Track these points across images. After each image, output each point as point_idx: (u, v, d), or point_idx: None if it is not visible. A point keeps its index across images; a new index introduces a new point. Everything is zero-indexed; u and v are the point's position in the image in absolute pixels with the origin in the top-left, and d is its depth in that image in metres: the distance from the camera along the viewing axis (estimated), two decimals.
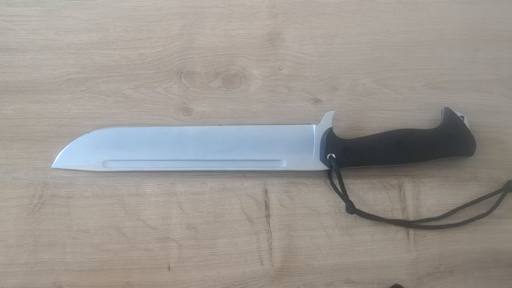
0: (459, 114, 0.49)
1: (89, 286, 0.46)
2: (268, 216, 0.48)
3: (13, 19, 0.50)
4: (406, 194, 0.49)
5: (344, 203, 0.47)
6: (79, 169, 0.47)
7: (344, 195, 0.47)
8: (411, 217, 0.49)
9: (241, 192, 0.48)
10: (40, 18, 0.51)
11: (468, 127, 0.49)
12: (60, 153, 0.47)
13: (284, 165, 0.47)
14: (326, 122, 0.47)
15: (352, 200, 0.47)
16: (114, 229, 0.47)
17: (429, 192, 0.49)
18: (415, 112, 0.51)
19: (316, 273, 0.47)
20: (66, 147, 0.47)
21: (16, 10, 0.51)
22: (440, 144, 0.48)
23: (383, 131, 0.49)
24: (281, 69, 0.52)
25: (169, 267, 0.46)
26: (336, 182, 0.47)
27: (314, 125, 0.48)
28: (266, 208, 0.48)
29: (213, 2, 0.53)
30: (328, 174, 0.48)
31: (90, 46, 0.51)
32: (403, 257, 0.48)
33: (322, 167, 0.47)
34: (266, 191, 0.48)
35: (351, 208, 0.47)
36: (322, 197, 0.49)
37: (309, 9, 0.54)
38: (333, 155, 0.46)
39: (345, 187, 0.47)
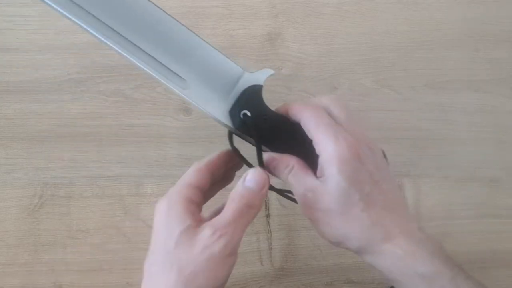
0: None
1: (89, 286, 0.46)
2: (268, 216, 0.48)
3: (13, 19, 0.50)
4: (406, 194, 0.49)
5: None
6: None
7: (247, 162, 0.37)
8: None
9: None
10: (40, 18, 0.51)
11: None
12: None
13: (186, 90, 0.36)
14: (259, 77, 0.37)
15: None
16: (114, 229, 0.47)
17: (429, 192, 0.49)
18: (415, 112, 0.51)
19: (316, 273, 0.47)
20: None
21: (16, 10, 0.51)
22: None
23: (384, 130, 0.49)
24: (281, 69, 0.52)
25: None
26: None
27: (246, 72, 0.38)
28: (266, 208, 0.48)
29: (213, 2, 0.53)
30: (229, 134, 0.37)
31: (90, 46, 0.51)
32: None
33: (226, 120, 0.36)
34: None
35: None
36: None
37: (309, 9, 0.54)
38: (248, 113, 0.36)
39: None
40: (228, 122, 0.36)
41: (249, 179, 0.32)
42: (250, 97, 0.37)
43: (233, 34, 0.52)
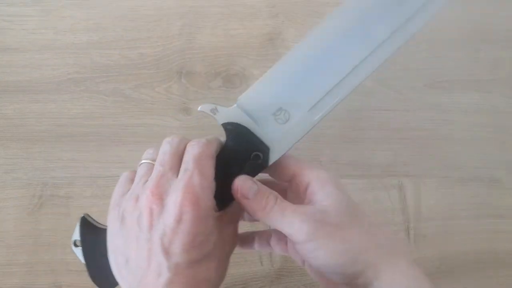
0: None
1: (89, 286, 0.45)
2: None
3: (13, 19, 0.50)
4: (406, 194, 0.49)
5: None
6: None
7: None
8: (412, 217, 0.49)
9: None
10: (39, 17, 0.51)
11: None
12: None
13: None
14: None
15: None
16: None
17: (429, 192, 0.49)
18: (415, 112, 0.51)
19: None
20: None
21: (16, 10, 0.50)
22: None
23: (384, 130, 0.49)
24: None
25: None
26: None
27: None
28: None
29: (213, 2, 0.53)
30: None
31: (90, 46, 0.50)
32: None
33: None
34: None
35: None
36: None
37: (310, 8, 0.54)
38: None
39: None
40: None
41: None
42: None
43: (233, 34, 0.52)
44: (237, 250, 0.47)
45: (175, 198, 0.28)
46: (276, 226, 0.29)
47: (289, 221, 0.29)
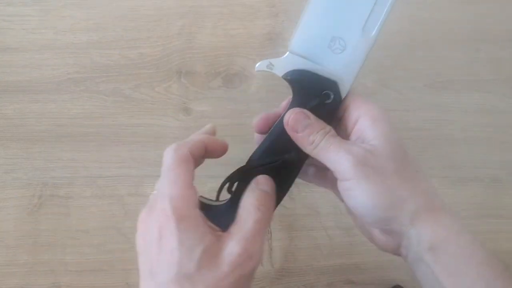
0: None
1: (88, 286, 0.46)
2: None
3: (12, 19, 0.50)
4: None
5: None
6: None
7: None
8: None
9: None
10: (39, 17, 0.50)
11: None
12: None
13: None
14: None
15: None
16: (114, 229, 0.47)
17: None
18: (415, 112, 0.51)
19: (316, 273, 0.47)
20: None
21: (15, 10, 0.50)
22: None
23: None
24: None
25: None
26: None
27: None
28: None
29: (213, 2, 0.53)
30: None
31: (90, 46, 0.50)
32: None
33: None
34: None
35: None
36: (323, 197, 0.48)
37: None
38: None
39: None
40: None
41: (263, 182, 0.31)
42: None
43: (233, 34, 0.52)
44: None
45: (155, 210, 0.28)
46: (322, 160, 0.29)
47: (333, 158, 0.29)
